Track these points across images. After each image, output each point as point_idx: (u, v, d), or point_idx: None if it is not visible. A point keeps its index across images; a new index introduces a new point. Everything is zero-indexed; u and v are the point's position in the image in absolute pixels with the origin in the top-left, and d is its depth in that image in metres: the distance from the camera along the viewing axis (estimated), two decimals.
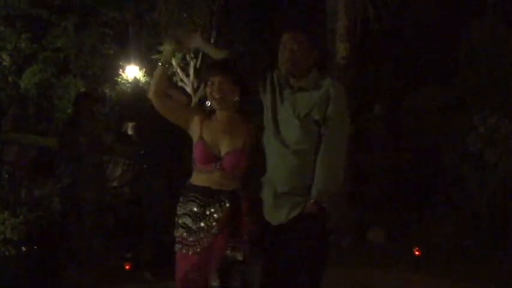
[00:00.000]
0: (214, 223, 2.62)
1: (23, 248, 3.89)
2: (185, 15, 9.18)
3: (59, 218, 4.84)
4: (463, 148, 6.49)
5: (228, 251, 2.67)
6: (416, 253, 5.39)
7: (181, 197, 2.72)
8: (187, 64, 10.45)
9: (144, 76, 11.19)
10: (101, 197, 5.50)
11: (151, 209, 4.93)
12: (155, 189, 4.88)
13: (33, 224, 4.00)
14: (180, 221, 2.67)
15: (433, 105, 8.45)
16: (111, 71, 12.37)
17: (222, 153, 2.67)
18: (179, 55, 10.08)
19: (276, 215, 2.64)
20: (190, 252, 2.62)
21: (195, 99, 9.97)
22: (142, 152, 4.98)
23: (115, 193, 6.53)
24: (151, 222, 5.00)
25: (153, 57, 10.51)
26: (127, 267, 4.52)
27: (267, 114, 2.71)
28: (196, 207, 2.64)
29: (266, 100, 2.73)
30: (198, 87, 10.25)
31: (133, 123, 5.33)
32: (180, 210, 2.70)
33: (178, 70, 10.38)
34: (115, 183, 6.77)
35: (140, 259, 4.89)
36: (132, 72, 11.76)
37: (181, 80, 10.15)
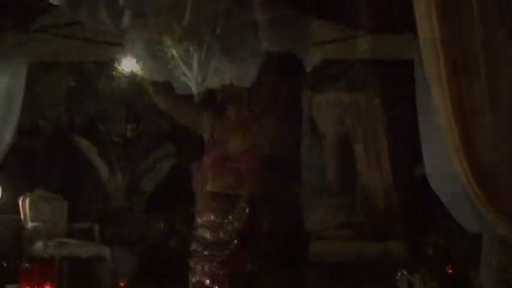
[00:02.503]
0: (234, 234, 2.33)
1: None
2: None
3: None
4: None
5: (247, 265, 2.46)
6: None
7: (196, 207, 2.52)
8: (190, 56, 9.99)
9: (142, 70, 10.80)
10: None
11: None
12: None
13: None
14: (197, 233, 2.40)
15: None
16: (105, 64, 12.02)
17: (235, 153, 2.48)
18: (181, 46, 9.70)
19: None
20: (206, 268, 2.32)
21: (199, 96, 9.64)
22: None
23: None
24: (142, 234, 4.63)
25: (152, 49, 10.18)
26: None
27: (304, 112, 2.40)
28: (214, 216, 2.37)
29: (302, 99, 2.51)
30: (203, 82, 9.82)
31: (132, 124, 5.02)
32: (196, 222, 2.42)
33: (181, 63, 9.90)
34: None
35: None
36: (129, 65, 11.39)
37: (184, 75, 9.68)
